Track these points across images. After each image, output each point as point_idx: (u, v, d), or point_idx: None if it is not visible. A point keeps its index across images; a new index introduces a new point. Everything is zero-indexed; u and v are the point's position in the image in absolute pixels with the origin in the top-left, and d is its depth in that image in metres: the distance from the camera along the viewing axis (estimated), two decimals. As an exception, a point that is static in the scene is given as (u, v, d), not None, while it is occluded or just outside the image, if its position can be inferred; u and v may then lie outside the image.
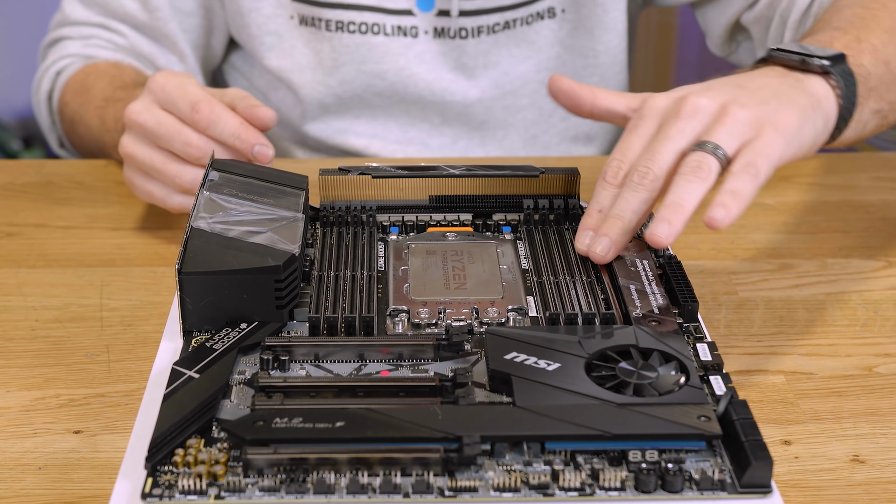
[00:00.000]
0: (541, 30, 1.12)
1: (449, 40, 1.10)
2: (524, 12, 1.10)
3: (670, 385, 0.61)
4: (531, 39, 1.12)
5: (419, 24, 1.09)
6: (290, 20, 1.11)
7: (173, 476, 0.57)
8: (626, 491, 0.56)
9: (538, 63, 1.14)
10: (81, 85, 1.08)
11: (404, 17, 1.09)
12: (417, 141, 1.15)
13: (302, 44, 1.12)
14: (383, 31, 1.09)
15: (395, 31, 1.09)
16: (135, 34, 1.12)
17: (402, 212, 0.81)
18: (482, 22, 1.10)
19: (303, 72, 1.12)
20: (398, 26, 1.09)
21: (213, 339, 0.66)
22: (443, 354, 0.66)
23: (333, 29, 1.09)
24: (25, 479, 0.64)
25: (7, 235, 0.92)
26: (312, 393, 0.62)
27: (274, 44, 1.12)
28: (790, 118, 0.68)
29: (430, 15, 1.09)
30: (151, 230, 0.92)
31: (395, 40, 1.09)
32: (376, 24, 1.09)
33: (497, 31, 1.10)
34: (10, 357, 0.75)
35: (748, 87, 0.71)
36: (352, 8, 1.08)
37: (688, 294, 0.71)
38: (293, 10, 1.10)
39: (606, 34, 1.14)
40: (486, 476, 0.57)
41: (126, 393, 0.71)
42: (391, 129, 1.15)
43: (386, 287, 0.73)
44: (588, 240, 0.72)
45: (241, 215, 0.72)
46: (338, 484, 0.56)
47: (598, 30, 1.13)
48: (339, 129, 1.15)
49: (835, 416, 0.70)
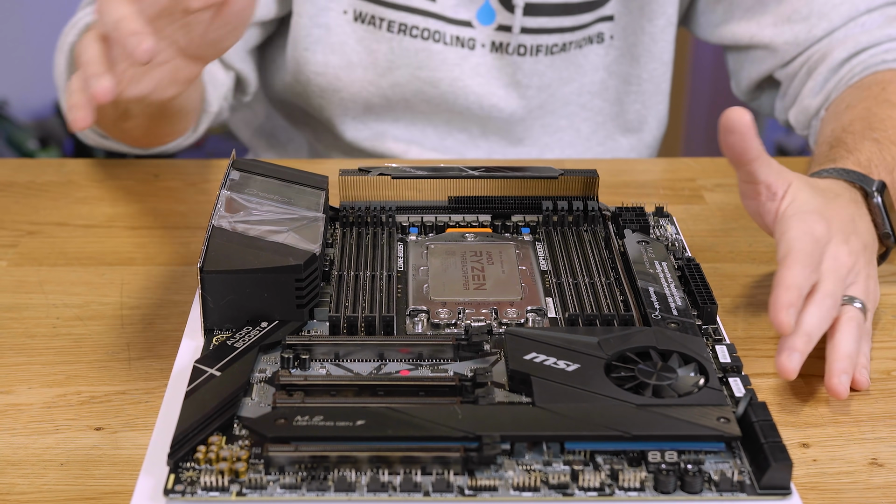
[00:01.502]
0: (588, 54, 1.12)
1: (506, 56, 1.09)
2: (579, 35, 1.10)
3: (689, 386, 0.61)
4: (579, 63, 1.12)
5: (477, 36, 1.09)
6: (343, 15, 1.09)
7: (195, 473, 0.57)
8: (645, 491, 0.57)
9: (581, 86, 1.14)
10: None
11: (463, 28, 1.08)
12: (453, 150, 1.14)
13: (354, 41, 1.10)
14: (443, 39, 1.08)
15: (453, 41, 1.08)
16: None
17: (421, 212, 0.82)
18: (542, 41, 1.09)
19: (352, 69, 1.11)
20: (457, 37, 1.08)
21: (234, 338, 0.67)
22: (462, 354, 0.66)
23: (395, 30, 1.08)
24: (48, 474, 0.64)
25: (28, 234, 0.92)
26: (333, 391, 0.62)
27: (321, 37, 1.10)
28: (874, 266, 0.79)
29: (488, 29, 1.08)
30: (171, 229, 0.92)
31: (452, 50, 1.09)
32: (438, 32, 1.08)
33: (554, 53, 1.10)
34: (31, 354, 0.76)
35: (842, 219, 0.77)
36: (416, 12, 1.08)
37: (707, 296, 0.71)
38: (348, 6, 1.09)
39: (652, 63, 1.14)
40: (505, 475, 0.57)
41: (147, 390, 0.72)
42: (429, 135, 1.14)
43: (405, 287, 0.73)
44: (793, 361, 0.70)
45: (261, 215, 0.73)
46: (358, 482, 0.57)
47: (645, 58, 1.13)
48: (378, 131, 1.14)
49: (853, 419, 0.70)
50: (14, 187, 1.00)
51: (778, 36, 1.06)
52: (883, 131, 0.90)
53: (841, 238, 0.75)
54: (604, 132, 1.18)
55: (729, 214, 0.93)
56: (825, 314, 0.70)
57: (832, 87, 1.02)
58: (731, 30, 1.10)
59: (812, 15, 1.04)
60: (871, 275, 0.78)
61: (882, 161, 0.87)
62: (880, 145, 0.88)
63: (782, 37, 1.06)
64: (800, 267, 0.70)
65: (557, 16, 1.09)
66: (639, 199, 0.84)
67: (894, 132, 0.90)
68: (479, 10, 1.08)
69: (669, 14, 1.12)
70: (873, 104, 0.95)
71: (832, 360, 0.71)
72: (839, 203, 0.79)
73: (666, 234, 0.80)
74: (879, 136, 0.89)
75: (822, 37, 1.04)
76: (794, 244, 0.71)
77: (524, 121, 1.13)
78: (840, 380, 0.70)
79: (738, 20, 1.09)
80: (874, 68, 1.01)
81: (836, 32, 1.04)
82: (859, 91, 0.99)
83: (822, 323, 0.70)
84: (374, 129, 1.14)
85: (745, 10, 1.08)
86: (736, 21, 1.09)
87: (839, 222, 0.76)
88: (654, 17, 1.11)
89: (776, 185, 0.75)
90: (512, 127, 1.14)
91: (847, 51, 1.02)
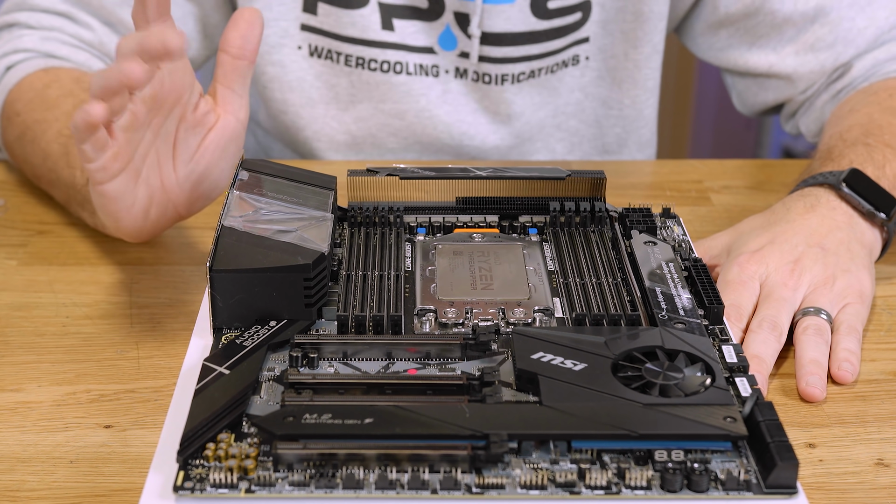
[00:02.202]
0: (563, 77, 1.09)
1: (471, 83, 1.06)
2: (551, 61, 1.07)
3: (696, 386, 0.62)
4: (553, 86, 1.09)
5: (440, 62, 1.05)
6: (298, 50, 1.05)
7: (204, 470, 0.57)
8: (651, 490, 0.57)
9: (556, 108, 1.11)
10: (39, 97, 0.94)
11: (425, 55, 1.05)
12: None
13: (312, 77, 1.07)
14: (406, 69, 1.05)
15: (417, 70, 1.05)
16: (104, 29, 1.01)
17: (429, 213, 0.82)
18: (507, 70, 1.06)
19: (314, 106, 1.08)
20: (420, 65, 1.05)
21: (242, 336, 0.67)
22: (470, 354, 0.66)
23: (353, 64, 1.05)
24: (57, 471, 0.65)
25: (38, 233, 0.93)
26: (341, 390, 0.62)
27: (277, 75, 1.07)
28: (866, 283, 0.79)
29: (451, 55, 1.05)
30: (180, 229, 0.93)
31: (417, 80, 1.06)
32: (399, 63, 1.05)
33: (522, 80, 1.07)
34: (41, 353, 0.76)
35: (829, 249, 0.80)
36: (373, 45, 1.04)
37: (713, 296, 0.71)
38: (302, 41, 1.05)
39: (635, 89, 1.11)
40: (513, 473, 0.58)
41: (155, 389, 0.72)
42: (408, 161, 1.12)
43: (413, 287, 0.73)
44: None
45: (270, 214, 0.73)
46: (366, 479, 0.57)
47: (627, 84, 1.10)
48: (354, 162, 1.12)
49: (859, 419, 0.70)
50: (24, 187, 1.00)
51: (802, 66, 1.03)
52: (879, 137, 0.90)
53: (787, 260, 0.78)
54: (580, 152, 1.15)
55: (736, 216, 0.93)
56: (764, 338, 0.74)
57: (844, 95, 1.02)
58: (742, 57, 1.06)
59: (837, 42, 1.02)
60: (848, 270, 0.79)
61: (870, 160, 0.87)
62: (870, 148, 0.88)
63: (806, 66, 1.03)
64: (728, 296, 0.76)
65: (522, 44, 1.05)
66: (645, 201, 0.84)
67: (891, 137, 0.89)
68: (441, 36, 1.04)
69: (655, 42, 1.09)
70: (876, 110, 0.94)
71: (797, 368, 0.73)
72: (788, 219, 0.82)
73: (673, 235, 0.80)
74: (872, 141, 0.89)
75: (847, 62, 1.02)
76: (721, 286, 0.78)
77: (498, 149, 1.10)
78: (807, 382, 0.72)
79: (751, 48, 1.05)
80: (887, 75, 1.00)
81: (863, 56, 1.02)
82: (865, 95, 0.98)
83: (763, 346, 0.73)
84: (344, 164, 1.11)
85: (758, 37, 1.04)
86: (747, 48, 1.05)
87: (786, 244, 0.80)
88: (638, 45, 1.08)
89: (714, 257, 0.83)
90: (486, 155, 1.11)
91: (865, 68, 1.02)
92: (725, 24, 1.06)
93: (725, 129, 2.29)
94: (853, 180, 0.84)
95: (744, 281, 0.78)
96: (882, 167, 0.86)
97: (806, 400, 0.72)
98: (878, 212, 0.83)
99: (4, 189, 1.00)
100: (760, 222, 0.83)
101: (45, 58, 0.99)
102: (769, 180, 1.05)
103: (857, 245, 0.81)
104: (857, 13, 1.01)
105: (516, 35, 1.04)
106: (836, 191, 0.84)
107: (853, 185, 0.83)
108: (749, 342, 0.74)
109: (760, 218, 0.84)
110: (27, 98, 0.95)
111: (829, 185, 0.84)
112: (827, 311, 0.76)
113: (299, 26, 1.05)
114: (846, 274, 0.78)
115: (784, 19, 1.03)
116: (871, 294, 0.79)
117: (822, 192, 0.84)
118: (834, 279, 0.78)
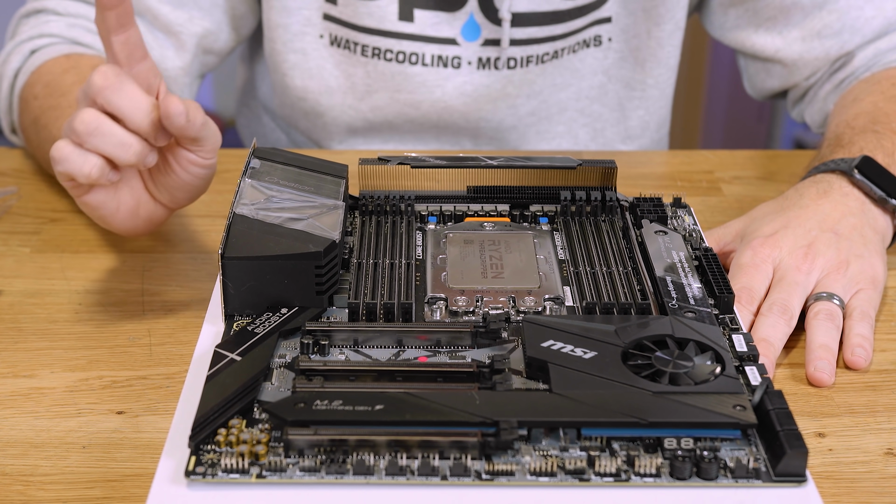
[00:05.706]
0: (585, 58, 1.09)
1: (494, 71, 1.06)
2: (572, 40, 1.07)
3: (706, 374, 0.62)
4: (575, 67, 1.09)
5: (462, 54, 1.05)
6: (320, 39, 1.07)
7: (216, 455, 0.58)
8: (661, 477, 0.57)
9: (578, 91, 1.11)
10: (56, 82, 0.95)
11: (447, 46, 1.05)
12: None
13: (332, 65, 1.08)
14: (421, 61, 1.05)
15: (434, 62, 1.05)
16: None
17: (440, 202, 0.82)
18: (532, 52, 1.06)
19: (332, 94, 1.09)
20: (438, 56, 1.05)
21: (254, 323, 0.67)
22: (480, 342, 0.66)
23: (370, 55, 1.05)
24: (70, 457, 0.65)
25: (51, 221, 0.93)
26: (352, 377, 0.63)
27: (298, 62, 1.08)
28: (879, 269, 0.80)
29: (474, 45, 1.05)
30: (192, 217, 0.93)
31: (432, 71, 1.06)
32: (414, 54, 1.05)
33: (545, 61, 1.07)
34: (54, 339, 0.77)
35: (842, 234, 0.80)
36: (391, 35, 1.05)
37: (724, 285, 0.71)
38: (323, 30, 1.06)
39: (658, 68, 1.11)
40: (522, 460, 0.58)
41: (167, 375, 0.73)
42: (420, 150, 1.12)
43: (424, 275, 0.73)
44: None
45: (282, 202, 0.73)
46: (377, 465, 0.57)
47: (651, 63, 1.11)
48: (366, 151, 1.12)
49: (869, 409, 0.70)
50: (37, 175, 1.01)
51: (808, 52, 1.03)
52: (886, 124, 0.90)
53: (801, 244, 0.79)
54: (602, 140, 1.16)
55: (746, 206, 0.93)
56: (774, 321, 0.74)
57: (847, 85, 1.02)
58: (749, 38, 1.07)
59: (844, 30, 1.02)
60: (861, 255, 0.79)
61: (880, 147, 0.87)
62: (879, 135, 0.88)
63: (812, 53, 1.03)
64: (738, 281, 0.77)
65: (547, 24, 1.05)
66: (657, 191, 0.84)
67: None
68: (464, 27, 1.04)
69: (678, 19, 1.09)
70: (880, 99, 0.95)
71: (807, 352, 0.74)
72: (801, 205, 0.82)
73: (683, 225, 0.80)
74: (880, 129, 0.89)
75: (852, 51, 1.03)
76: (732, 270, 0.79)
77: (516, 128, 1.11)
78: (815, 367, 0.72)
79: (758, 29, 1.06)
80: (888, 64, 1.01)
81: (866, 45, 1.02)
82: (869, 85, 0.99)
83: (771, 330, 0.74)
84: (361, 150, 1.12)
85: (765, 19, 1.05)
86: (754, 30, 1.06)
87: (799, 228, 0.80)
88: (661, 22, 1.08)
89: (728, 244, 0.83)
90: (503, 135, 1.11)
91: (867, 58, 1.02)
92: (736, 2, 1.07)
93: (737, 120, 2.29)
94: (865, 167, 0.84)
95: (757, 264, 0.78)
96: (892, 154, 0.86)
97: (814, 385, 0.72)
98: (890, 198, 0.83)
99: (18, 177, 1.01)
100: (773, 208, 0.83)
101: (70, 44, 1.00)
102: (780, 171, 1.05)
103: (870, 231, 0.81)
104: (866, 2, 1.01)
105: (542, 15, 1.05)
106: (848, 177, 0.84)
107: (865, 171, 0.84)
108: (758, 325, 0.74)
109: (773, 204, 0.84)
110: (44, 81, 0.96)
111: (842, 171, 0.84)
112: (839, 297, 0.76)
113: (321, 16, 1.07)
114: (859, 259, 0.79)
115: (792, 2, 1.03)
116: (884, 280, 0.80)
117: (834, 178, 0.84)
118: (847, 264, 0.78)
